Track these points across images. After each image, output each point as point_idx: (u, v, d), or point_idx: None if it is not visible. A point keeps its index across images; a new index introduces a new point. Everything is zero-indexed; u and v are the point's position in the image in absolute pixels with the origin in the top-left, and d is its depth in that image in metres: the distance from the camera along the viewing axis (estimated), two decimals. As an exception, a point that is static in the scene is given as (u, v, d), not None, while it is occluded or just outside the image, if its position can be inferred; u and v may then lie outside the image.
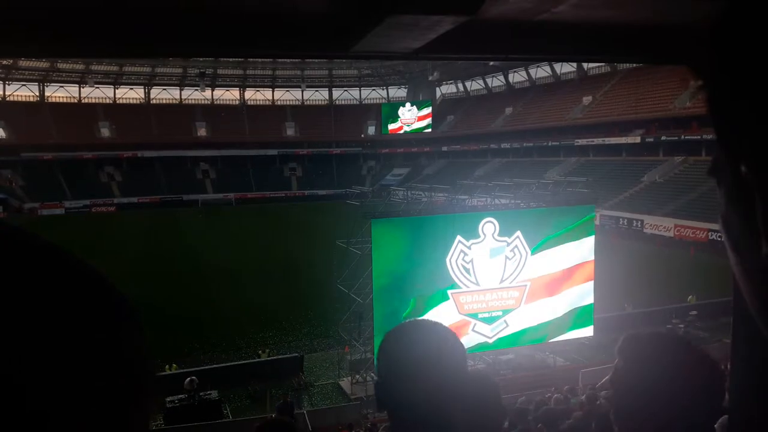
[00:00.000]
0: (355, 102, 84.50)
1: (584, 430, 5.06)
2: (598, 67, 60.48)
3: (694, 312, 18.39)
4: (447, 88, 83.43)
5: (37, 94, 70.37)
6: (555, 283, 14.97)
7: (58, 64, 67.98)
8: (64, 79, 71.16)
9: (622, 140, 49.38)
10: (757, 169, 0.33)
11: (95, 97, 73.72)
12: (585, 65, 62.17)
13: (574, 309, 15.29)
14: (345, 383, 15.37)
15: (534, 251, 14.58)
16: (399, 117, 74.74)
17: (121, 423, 0.35)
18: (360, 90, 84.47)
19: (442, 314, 13.71)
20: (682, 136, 44.00)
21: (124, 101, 75.51)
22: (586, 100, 57.21)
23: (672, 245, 33.47)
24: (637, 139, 48.07)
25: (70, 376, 0.33)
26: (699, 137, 42.61)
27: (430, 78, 78.78)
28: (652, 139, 46.86)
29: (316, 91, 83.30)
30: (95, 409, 0.34)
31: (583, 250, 15.22)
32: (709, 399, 1.10)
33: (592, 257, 15.32)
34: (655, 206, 38.33)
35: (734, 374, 1.17)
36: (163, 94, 77.28)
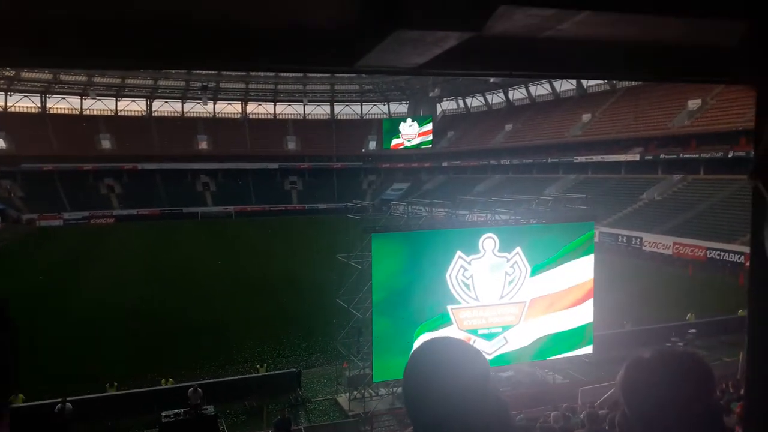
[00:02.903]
0: (356, 117, 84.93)
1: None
2: (598, 85, 60.91)
3: (693, 330, 18.33)
4: (447, 105, 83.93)
5: (39, 105, 70.66)
6: (554, 301, 14.92)
7: (61, 76, 68.37)
8: (66, 91, 71.50)
9: (621, 158, 49.56)
10: None
11: (97, 109, 74.07)
12: (584, 84, 62.64)
13: (574, 327, 15.23)
14: (343, 399, 15.24)
15: (535, 271, 14.55)
16: (400, 132, 74.94)
17: None
18: (361, 105, 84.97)
19: (442, 332, 13.64)
20: (681, 155, 44.19)
21: (126, 113, 75.84)
22: (586, 117, 57.51)
23: (671, 263, 33.47)
24: (636, 157, 48.25)
25: None
26: (697, 155, 42.79)
27: (431, 94, 79.23)
28: (650, 157, 47.02)
29: (318, 105, 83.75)
30: None
31: (583, 268, 15.19)
32: (714, 410, 1.14)
33: (592, 275, 15.29)
34: (653, 224, 38.37)
35: (749, 392, 1.16)
36: (165, 107, 77.69)
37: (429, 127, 75.43)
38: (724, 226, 32.75)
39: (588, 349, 15.49)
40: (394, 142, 75.18)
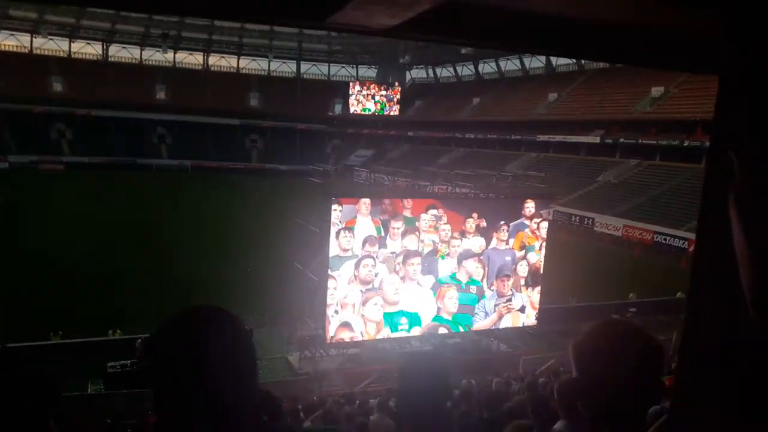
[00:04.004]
0: (323, 78, 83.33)
1: (523, 412, 5.23)
2: (566, 64, 61.50)
3: (634, 309, 19.17)
4: (417, 73, 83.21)
5: (-15, 40, 66.60)
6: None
7: (10, 11, 64.34)
8: (16, 26, 67.39)
9: (582, 139, 50.52)
10: None
11: (48, 49, 70.27)
12: (553, 62, 63.13)
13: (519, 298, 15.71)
14: (293, 358, 15.39)
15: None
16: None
17: None
18: (329, 66, 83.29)
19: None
20: (640, 140, 45.35)
21: (80, 56, 72.29)
22: (552, 96, 58.16)
23: (619, 244, 34.65)
24: (597, 139, 49.28)
25: None
26: (655, 142, 44.03)
27: (401, 60, 78.41)
28: (610, 141, 48.11)
29: (284, 62, 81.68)
30: None
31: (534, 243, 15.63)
32: (654, 381, 1.24)
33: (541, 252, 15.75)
34: (606, 206, 39.51)
35: (681, 368, 1.23)
36: (122, 53, 74.32)
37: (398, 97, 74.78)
38: (672, 212, 34.02)
39: (532, 320, 16.02)
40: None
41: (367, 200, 13.67)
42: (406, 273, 13.91)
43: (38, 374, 1.19)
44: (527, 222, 15.31)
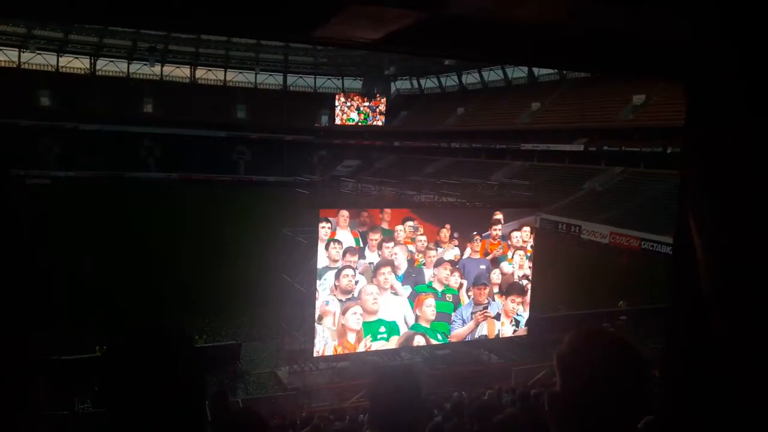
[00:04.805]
0: (309, 90, 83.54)
1: (515, 424, 5.22)
2: (548, 74, 62.14)
3: (624, 317, 19.25)
4: (402, 84, 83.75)
5: (-29, 55, 66.06)
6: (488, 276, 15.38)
7: (-4, 26, 63.95)
8: (4, 42, 66.90)
9: (566, 147, 50.96)
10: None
11: (36, 64, 69.83)
12: (536, 72, 63.76)
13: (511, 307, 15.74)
14: (282, 373, 15.26)
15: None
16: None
17: None
18: (315, 78, 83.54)
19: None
20: (623, 148, 45.82)
21: (68, 70, 71.86)
22: (535, 105, 58.68)
23: (607, 252, 34.86)
24: (581, 148, 49.72)
25: None
26: (639, 149, 44.50)
27: (386, 72, 78.80)
28: (594, 149, 48.55)
29: (270, 75, 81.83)
30: None
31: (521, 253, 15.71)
32: (639, 394, 1.21)
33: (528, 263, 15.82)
34: (593, 213, 39.78)
35: (667, 374, 1.24)
36: (109, 66, 74.07)
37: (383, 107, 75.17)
38: (659, 219, 34.32)
39: (522, 330, 16.04)
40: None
41: (345, 213, 13.79)
42: (378, 282, 13.99)
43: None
44: (496, 231, 15.44)
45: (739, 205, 0.60)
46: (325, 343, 13.77)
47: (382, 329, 14.16)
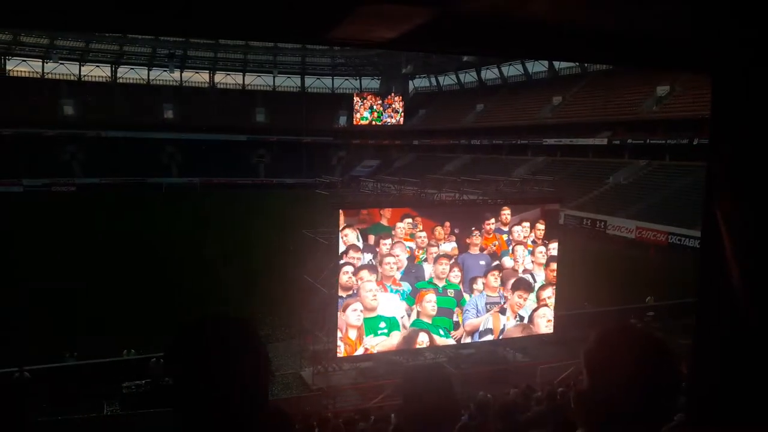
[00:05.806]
0: (327, 91, 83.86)
1: (541, 423, 5.15)
2: (569, 67, 61.45)
3: (651, 313, 18.90)
4: (420, 82, 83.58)
5: (-2, 67, 67.79)
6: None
7: (21, 38, 65.47)
8: (27, 53, 68.60)
9: (589, 141, 50.31)
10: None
11: (59, 74, 71.38)
12: (556, 65, 63.10)
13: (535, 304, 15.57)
14: (306, 374, 15.32)
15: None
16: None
17: None
18: (333, 79, 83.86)
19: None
20: (648, 140, 45.09)
21: (90, 79, 73.30)
22: (556, 100, 58.05)
23: (633, 246, 34.31)
24: (604, 141, 49.06)
25: None
26: (664, 142, 43.75)
27: (404, 71, 78.71)
28: (618, 142, 47.87)
29: (288, 77, 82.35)
30: None
31: (547, 249, 15.53)
32: (672, 391, 1.19)
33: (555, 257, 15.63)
34: (618, 208, 39.20)
35: (694, 371, 1.19)
36: (130, 74, 75.37)
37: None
38: (686, 212, 33.65)
39: (549, 328, 15.85)
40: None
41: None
42: (382, 276, 13.95)
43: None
44: (490, 226, 15.26)
45: (765, 196, 0.58)
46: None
47: (382, 324, 14.22)
